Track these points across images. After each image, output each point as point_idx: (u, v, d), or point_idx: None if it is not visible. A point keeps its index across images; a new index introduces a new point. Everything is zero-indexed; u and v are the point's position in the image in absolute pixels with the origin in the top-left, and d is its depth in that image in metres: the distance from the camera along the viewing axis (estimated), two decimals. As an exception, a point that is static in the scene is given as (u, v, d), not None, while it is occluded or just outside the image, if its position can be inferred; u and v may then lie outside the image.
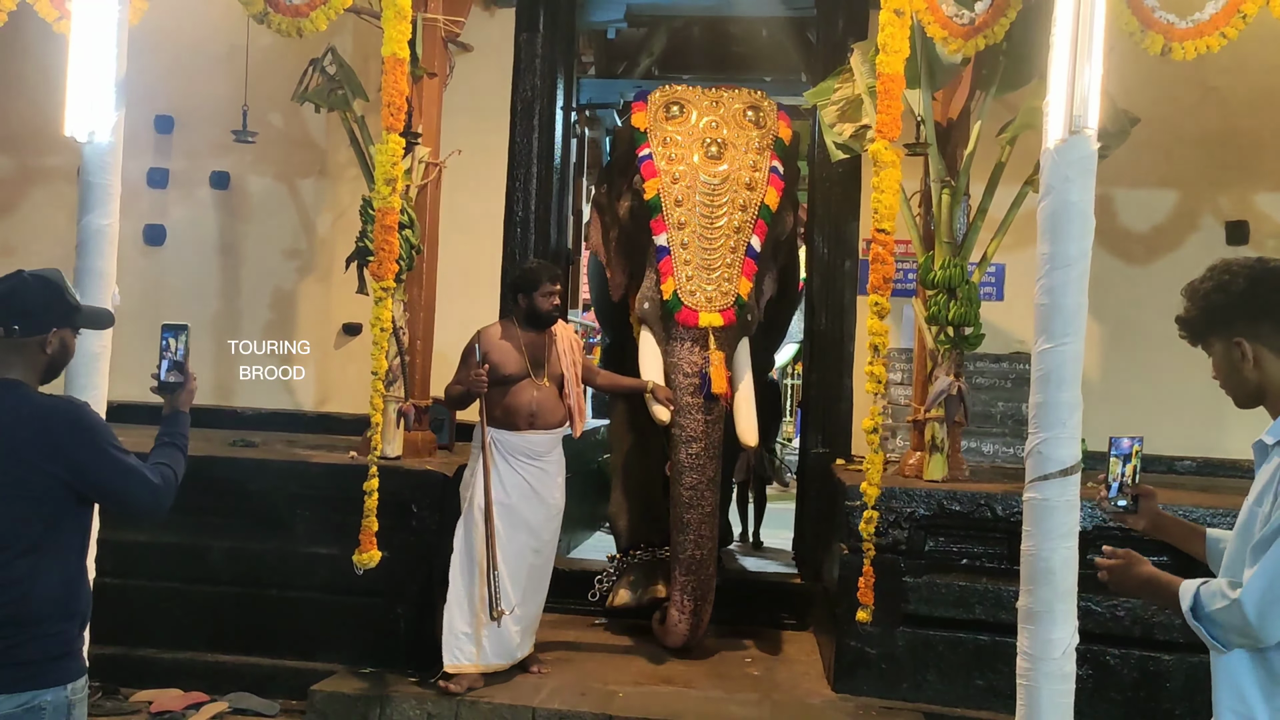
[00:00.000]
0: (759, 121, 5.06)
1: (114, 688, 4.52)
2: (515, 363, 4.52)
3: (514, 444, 4.50)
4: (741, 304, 4.80)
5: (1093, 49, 2.87)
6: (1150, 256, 5.75)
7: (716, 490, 4.88)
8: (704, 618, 4.84)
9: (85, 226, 3.44)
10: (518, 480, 4.48)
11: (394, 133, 4.18)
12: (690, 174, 4.87)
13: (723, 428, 4.82)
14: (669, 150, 4.94)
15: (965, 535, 4.48)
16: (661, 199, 4.86)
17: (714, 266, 4.79)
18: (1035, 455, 3.02)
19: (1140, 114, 4.93)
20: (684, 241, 4.80)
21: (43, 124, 5.97)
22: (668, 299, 4.77)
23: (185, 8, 4.84)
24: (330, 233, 6.25)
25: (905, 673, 4.44)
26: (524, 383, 4.51)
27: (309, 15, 4.13)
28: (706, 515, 4.80)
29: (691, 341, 4.75)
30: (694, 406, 4.73)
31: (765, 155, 4.97)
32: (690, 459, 4.75)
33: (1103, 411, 5.58)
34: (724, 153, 4.90)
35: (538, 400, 4.52)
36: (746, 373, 4.98)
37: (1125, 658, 4.29)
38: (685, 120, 5.02)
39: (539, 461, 4.54)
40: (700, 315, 4.72)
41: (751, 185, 4.88)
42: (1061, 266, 2.99)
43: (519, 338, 4.56)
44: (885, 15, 3.75)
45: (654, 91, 5.21)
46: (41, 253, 6.24)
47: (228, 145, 5.96)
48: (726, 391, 4.70)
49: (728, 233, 4.82)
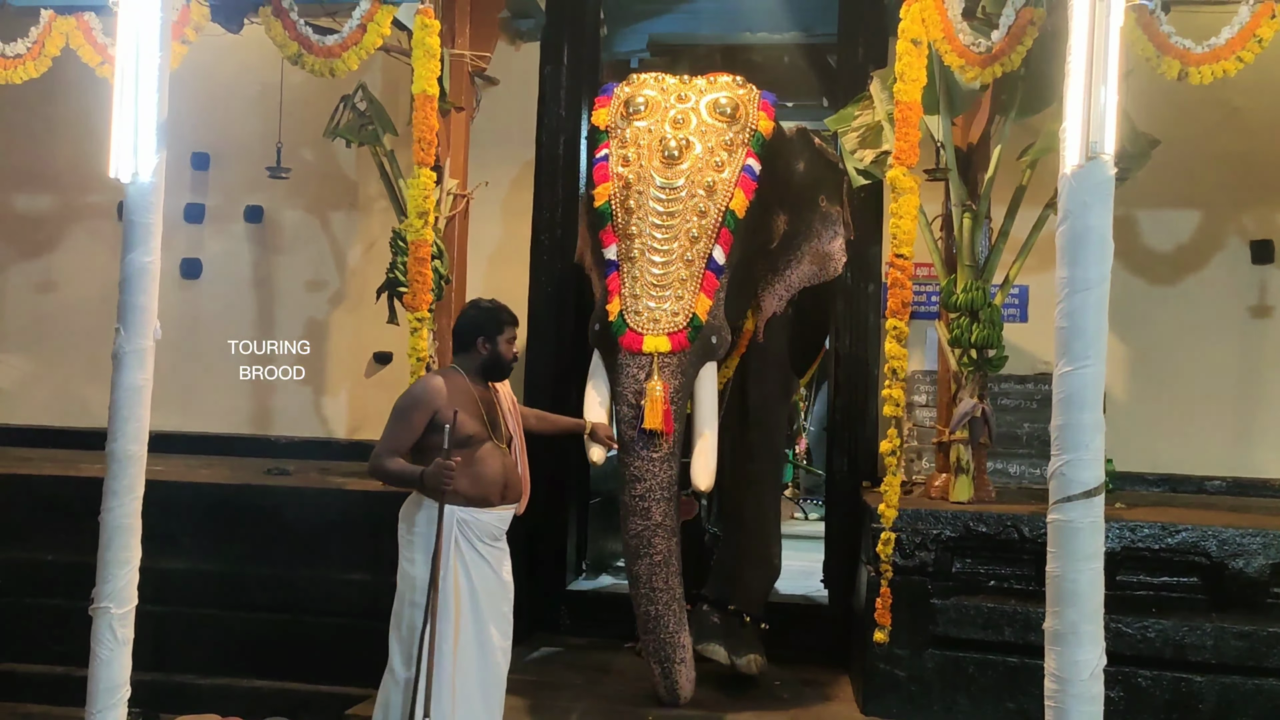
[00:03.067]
0: (733, 115, 4.49)
1: (154, 713, 4.62)
2: (474, 423, 3.69)
3: (485, 524, 3.68)
4: (696, 325, 4.21)
5: (1108, 75, 2.91)
6: (1176, 277, 5.76)
7: (669, 536, 4.23)
8: (679, 678, 4.37)
9: (129, 264, 3.54)
10: (484, 569, 3.70)
11: (425, 167, 4.31)
12: (644, 178, 4.37)
13: (675, 467, 4.25)
14: (626, 151, 4.45)
15: (993, 557, 4.49)
16: (612, 207, 4.37)
17: (665, 283, 4.23)
18: (1058, 477, 3.03)
19: (1163, 135, 4.96)
20: (633, 254, 4.28)
21: (83, 163, 6.20)
22: (612, 320, 4.24)
23: (221, 48, 5.00)
24: (361, 264, 6.38)
25: (935, 695, 4.44)
26: (488, 447, 3.71)
27: (341, 56, 4.28)
28: (657, 565, 4.20)
29: (637, 369, 4.18)
30: (638, 443, 4.17)
31: (736, 153, 4.42)
32: (633, 501, 4.18)
33: (1130, 432, 5.63)
34: (684, 153, 4.38)
35: (507, 467, 3.77)
36: (709, 404, 4.41)
37: (1158, 679, 4.27)
38: (648, 117, 4.51)
39: (501, 541, 3.79)
40: (645, 339, 4.17)
41: (712, 189, 4.33)
42: (1081, 290, 2.99)
43: (472, 393, 3.74)
44: (902, 45, 3.82)
45: (620, 84, 4.71)
46: (83, 287, 6.50)
47: (262, 180, 6.11)
48: (664, 428, 4.12)
49: (683, 244, 4.26)
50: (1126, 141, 4.56)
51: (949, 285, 4.68)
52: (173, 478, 5.09)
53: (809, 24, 7.12)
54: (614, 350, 4.24)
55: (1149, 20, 3.78)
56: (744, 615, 4.89)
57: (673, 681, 4.38)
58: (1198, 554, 4.37)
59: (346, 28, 4.32)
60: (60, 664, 4.86)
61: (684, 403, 4.25)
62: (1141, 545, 4.41)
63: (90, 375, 6.14)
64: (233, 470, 5.44)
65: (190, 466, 5.45)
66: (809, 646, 5.49)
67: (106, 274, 6.02)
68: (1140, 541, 4.42)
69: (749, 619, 4.91)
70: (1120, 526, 4.42)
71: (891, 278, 3.85)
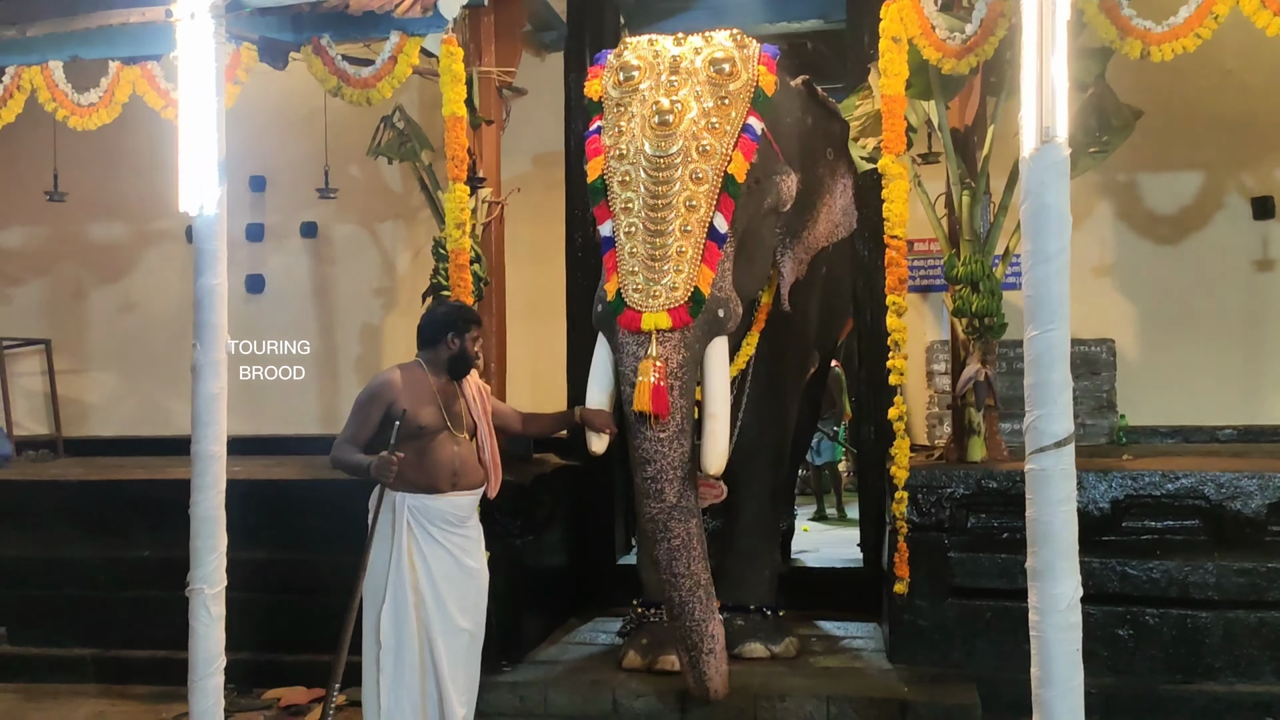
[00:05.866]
0: (730, 72, 4.18)
1: (247, 688, 5.07)
2: (430, 414, 3.85)
3: (436, 510, 3.83)
4: (699, 299, 3.96)
5: (1054, 66, 3.18)
6: (1179, 236, 5.98)
7: (688, 519, 4.04)
8: (708, 669, 4.15)
9: (200, 287, 4.01)
10: (441, 554, 3.85)
11: (459, 182, 4.73)
12: (637, 148, 4.10)
13: (686, 444, 4.04)
14: (619, 121, 4.20)
15: (1005, 511, 4.73)
16: (606, 181, 4.14)
17: (663, 256, 3.96)
18: (1032, 430, 3.31)
19: (1159, 100, 5.19)
20: (629, 229, 4.03)
21: (150, 193, 6.75)
22: (610, 299, 4.04)
23: (269, 79, 5.43)
24: (409, 270, 6.82)
25: (956, 642, 4.73)
26: (442, 436, 3.85)
27: (375, 86, 4.69)
28: (676, 549, 4.02)
29: (636, 347, 3.97)
30: (643, 423, 3.98)
31: (733, 113, 4.12)
32: (645, 484, 4.00)
33: (1142, 387, 5.88)
34: (678, 117, 4.08)
35: (460, 456, 3.89)
36: (719, 382, 4.15)
37: (1164, 617, 4.53)
38: (641, 82, 4.23)
39: (463, 528, 3.92)
40: (643, 317, 3.93)
41: (707, 152, 4.04)
42: (1043, 262, 3.25)
43: (430, 385, 3.90)
44: (884, 43, 4.12)
45: (613, 51, 4.44)
46: (159, 307, 7.04)
47: (314, 198, 6.56)
48: (654, 409, 3.90)
49: (681, 214, 3.98)
50: (1110, 115, 4.83)
51: (950, 259, 4.96)
52: (250, 475, 5.53)
53: (826, 11, 7.31)
54: (615, 330, 4.05)
55: (1111, 5, 4.02)
56: (764, 610, 5.01)
57: (700, 673, 4.15)
58: (1197, 498, 4.61)
59: (379, 60, 4.72)
60: (161, 648, 5.30)
61: (690, 380, 4.04)
62: (1144, 493, 4.67)
63: (170, 387, 6.66)
64: (304, 467, 5.88)
65: (265, 465, 5.90)
66: (845, 606, 5.79)
67: (179, 293, 6.62)
68: (1142, 489, 4.67)
69: (769, 612, 5.03)
70: (1123, 475, 4.68)
71: (888, 258, 4.16)
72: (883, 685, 4.60)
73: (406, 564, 3.80)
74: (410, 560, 3.81)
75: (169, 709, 4.90)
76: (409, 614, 3.81)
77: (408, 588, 3.80)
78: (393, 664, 3.84)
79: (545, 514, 5.56)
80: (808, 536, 8.14)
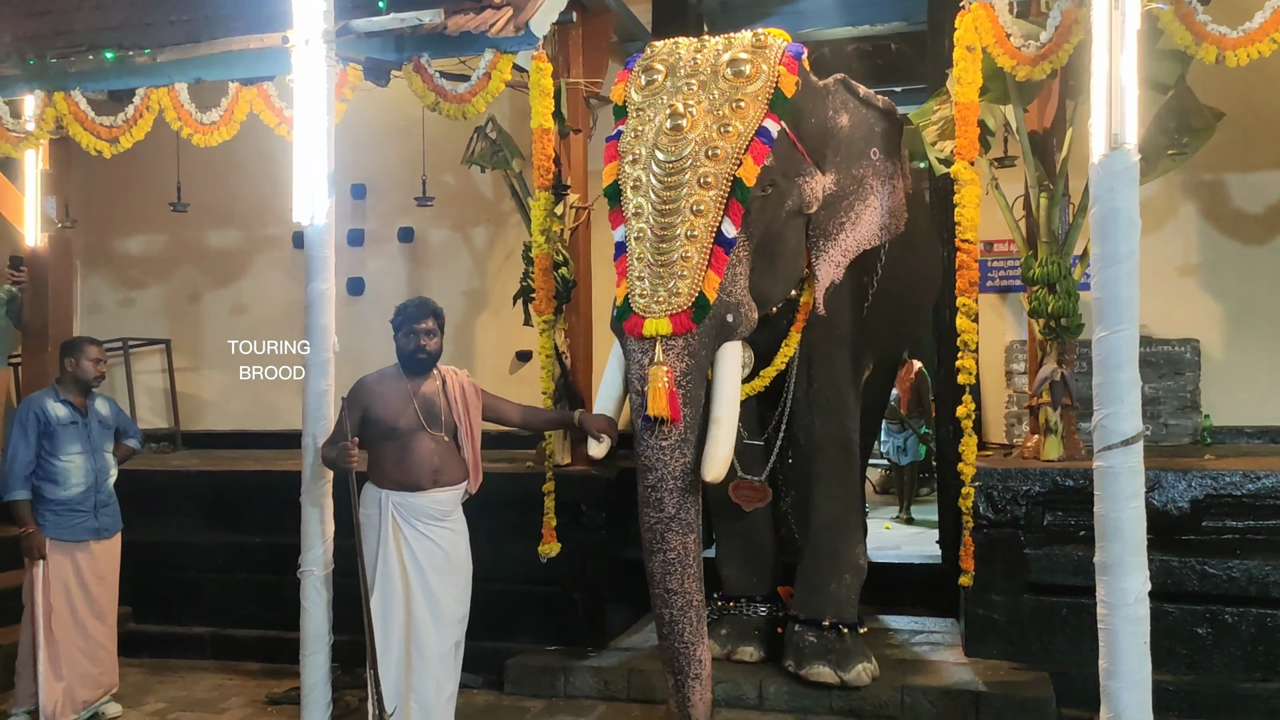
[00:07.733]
0: (748, 73, 4.06)
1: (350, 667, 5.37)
2: (404, 414, 3.97)
3: (420, 506, 3.95)
4: (703, 305, 3.86)
5: (1124, 72, 3.27)
6: (1266, 236, 5.93)
7: (687, 533, 3.91)
8: (693, 694, 3.95)
9: (310, 291, 4.33)
10: (428, 546, 3.97)
11: (545, 190, 4.98)
12: (649, 152, 4.04)
13: (688, 455, 3.90)
14: (637, 125, 4.15)
15: (1081, 508, 4.72)
16: (621, 185, 4.12)
17: (668, 262, 3.88)
18: (1100, 429, 3.41)
19: (1245, 100, 5.18)
20: (638, 234, 3.98)
21: (260, 201, 7.17)
22: (619, 305, 3.99)
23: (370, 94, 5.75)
24: (500, 273, 7.11)
25: (1032, 637, 4.81)
26: (420, 435, 3.97)
27: (471, 101, 4.97)
28: (671, 563, 3.88)
29: (641, 353, 3.90)
30: (646, 431, 3.88)
31: (749, 114, 4.00)
32: (645, 492, 3.91)
33: (1228, 388, 5.85)
34: (690, 121, 4.00)
35: (440, 454, 4.00)
36: (728, 388, 4.00)
37: (1243, 615, 4.56)
38: (663, 85, 4.17)
39: (447, 523, 4.03)
40: (646, 323, 3.85)
41: (716, 156, 3.94)
42: (1112, 264, 3.35)
43: (404, 386, 4.02)
44: (958, 51, 4.22)
45: (642, 55, 4.38)
46: (268, 308, 7.45)
47: (411, 204, 6.87)
48: (670, 414, 3.79)
49: (686, 218, 3.89)
50: (1191, 117, 4.85)
51: (1028, 260, 5.02)
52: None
53: (909, 13, 7.34)
54: (624, 336, 4.00)
55: (1186, 11, 4.06)
56: (840, 627, 4.71)
57: (684, 698, 3.96)
58: (1278, 498, 4.62)
59: (474, 76, 5.00)
60: (271, 629, 5.69)
61: (695, 388, 3.90)
62: (1224, 492, 4.69)
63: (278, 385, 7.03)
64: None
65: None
66: (924, 602, 5.90)
67: (286, 295, 7.00)
68: (1223, 489, 4.70)
69: (846, 629, 4.72)
70: (1203, 475, 4.71)
71: (959, 261, 4.25)
72: (957, 677, 4.70)
73: (394, 557, 3.94)
74: (399, 554, 3.94)
75: (279, 684, 5.24)
76: (395, 605, 3.93)
77: (396, 580, 3.93)
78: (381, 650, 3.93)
79: (629, 507, 5.75)
80: (889, 534, 8.21)
